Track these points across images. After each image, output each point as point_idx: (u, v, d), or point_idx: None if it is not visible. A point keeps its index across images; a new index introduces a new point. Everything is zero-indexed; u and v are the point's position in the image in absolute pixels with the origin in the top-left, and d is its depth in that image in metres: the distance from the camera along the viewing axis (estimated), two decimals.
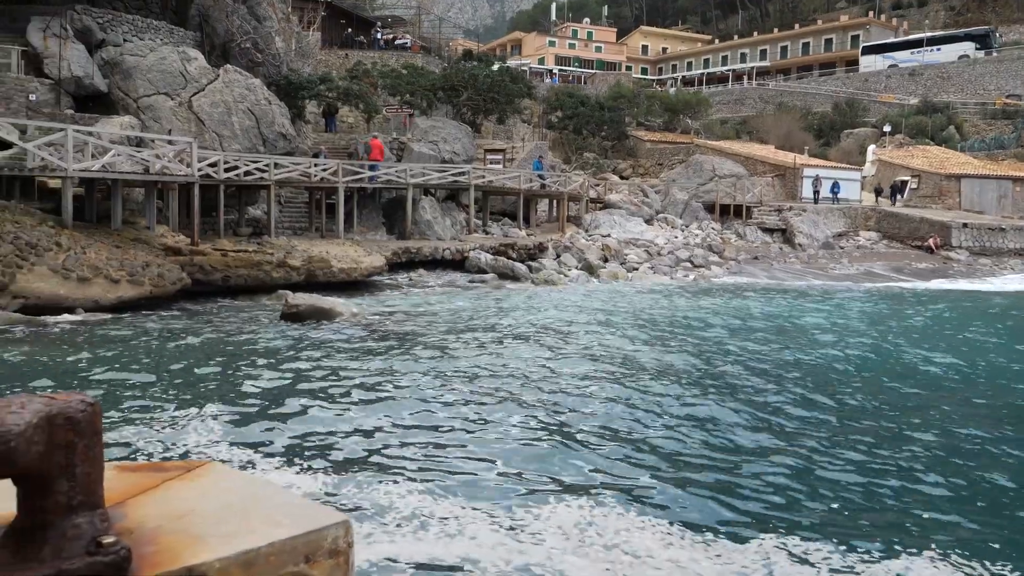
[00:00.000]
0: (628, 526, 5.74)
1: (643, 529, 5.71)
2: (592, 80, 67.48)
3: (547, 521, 5.78)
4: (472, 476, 6.79)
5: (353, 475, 6.74)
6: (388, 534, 5.49)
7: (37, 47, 24.28)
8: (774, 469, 7.18)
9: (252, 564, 0.97)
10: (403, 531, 5.56)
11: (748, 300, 21.50)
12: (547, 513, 5.92)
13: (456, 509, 5.98)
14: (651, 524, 5.79)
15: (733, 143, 49.30)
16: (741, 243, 35.04)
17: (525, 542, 5.43)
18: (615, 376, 10.79)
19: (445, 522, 5.71)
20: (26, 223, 16.72)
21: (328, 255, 22.48)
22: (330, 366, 11.12)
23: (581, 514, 5.91)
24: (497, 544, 5.37)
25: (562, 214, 33.20)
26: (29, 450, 0.85)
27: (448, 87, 39.89)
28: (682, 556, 5.29)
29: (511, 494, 6.36)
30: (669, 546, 5.45)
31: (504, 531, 5.60)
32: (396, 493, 6.27)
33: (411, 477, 6.67)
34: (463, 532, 5.55)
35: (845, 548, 5.52)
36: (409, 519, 5.76)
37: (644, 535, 5.60)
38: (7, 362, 10.82)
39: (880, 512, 6.33)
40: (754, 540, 5.62)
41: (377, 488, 6.37)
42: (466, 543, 5.37)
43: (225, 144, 25.43)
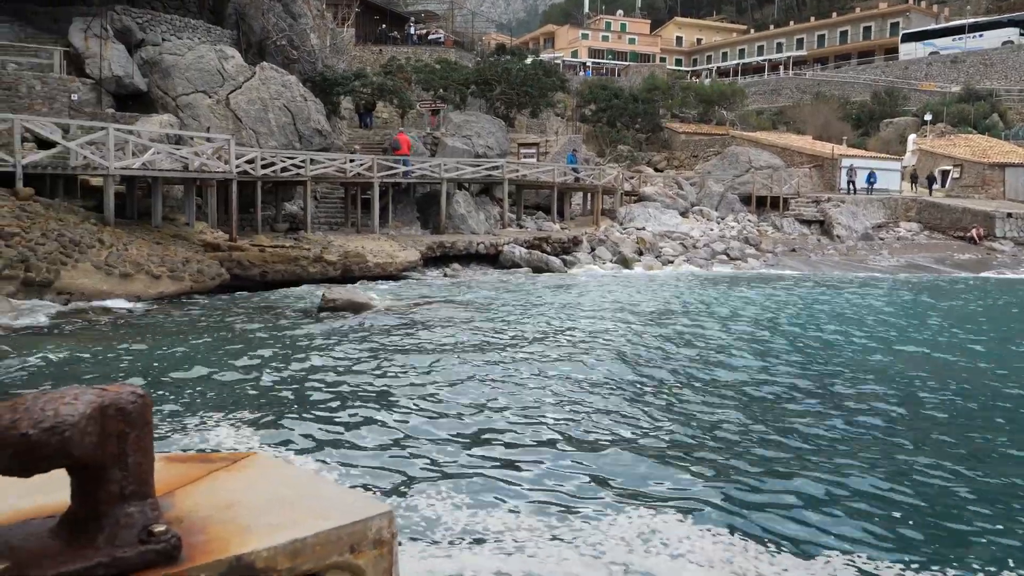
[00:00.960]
0: (691, 536, 5.52)
1: (705, 539, 5.47)
2: (626, 72, 67.07)
3: (607, 532, 5.53)
4: (522, 483, 6.51)
5: (397, 481, 6.53)
6: (443, 549, 5.24)
7: (78, 47, 24.74)
8: (841, 478, 6.78)
9: (298, 553, 0.99)
10: (459, 546, 5.29)
11: (814, 293, 21.25)
12: (606, 524, 5.67)
13: (511, 520, 5.71)
14: (714, 535, 5.58)
15: (769, 134, 48.71)
16: (778, 235, 34.63)
17: (587, 555, 5.19)
18: (662, 377, 10.67)
19: (500, 536, 5.45)
20: (69, 221, 17.06)
21: (364, 250, 22.66)
22: (369, 361, 11.20)
23: (642, 524, 5.67)
24: (560, 558, 5.13)
25: (596, 207, 33.08)
26: (83, 441, 0.86)
27: (481, 81, 39.92)
28: (749, 569, 5.12)
29: (566, 503, 6.09)
30: (734, 558, 5.24)
31: (565, 544, 5.34)
32: (445, 504, 6.02)
33: (459, 485, 6.41)
34: (523, 547, 5.28)
35: (918, 567, 5.21)
36: (463, 533, 5.51)
37: (707, 546, 5.38)
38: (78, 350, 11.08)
39: (963, 533, 5.88)
40: (821, 554, 5.38)
41: (424, 497, 6.14)
42: (525, 559, 5.11)
43: (262, 141, 25.71)
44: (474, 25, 69.41)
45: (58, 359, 10.67)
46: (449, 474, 6.74)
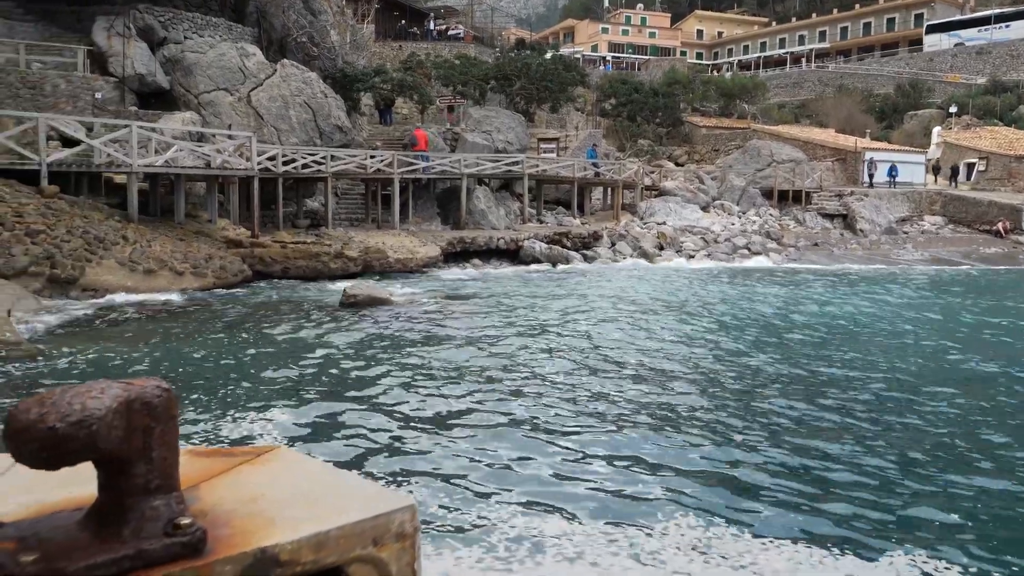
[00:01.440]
0: (750, 546, 5.40)
1: (767, 549, 5.36)
2: (646, 66, 66.76)
3: (663, 539, 5.43)
4: (574, 486, 6.39)
5: (437, 485, 6.38)
6: (501, 560, 5.08)
7: (102, 46, 24.98)
8: (901, 479, 6.68)
9: (322, 546, 0.99)
10: (518, 555, 5.15)
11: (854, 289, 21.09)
12: (660, 531, 5.57)
13: (567, 526, 5.59)
14: (774, 543, 5.47)
15: (791, 127, 48.32)
16: (800, 229, 34.36)
17: (648, 564, 5.08)
18: (706, 374, 10.58)
19: (559, 542, 5.31)
20: (94, 218, 17.25)
21: (384, 246, 22.74)
22: (392, 355, 11.25)
23: (699, 532, 5.57)
24: (623, 568, 5.01)
25: (617, 202, 32.98)
26: (109, 434, 0.87)
27: (501, 76, 39.88)
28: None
29: (620, 509, 5.95)
30: (799, 565, 5.16)
31: (624, 553, 5.21)
32: (496, 510, 5.84)
33: (506, 487, 6.29)
34: (583, 554, 5.15)
35: (977, 568, 5.12)
36: (518, 539, 5.36)
37: (769, 554, 5.27)
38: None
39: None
40: (884, 556, 5.31)
41: (474, 504, 5.95)
42: (588, 567, 5.00)
43: (283, 137, 25.85)
44: (493, 20, 69.36)
45: (93, 356, 10.79)
46: (496, 476, 6.55)
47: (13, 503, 1.06)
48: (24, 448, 0.85)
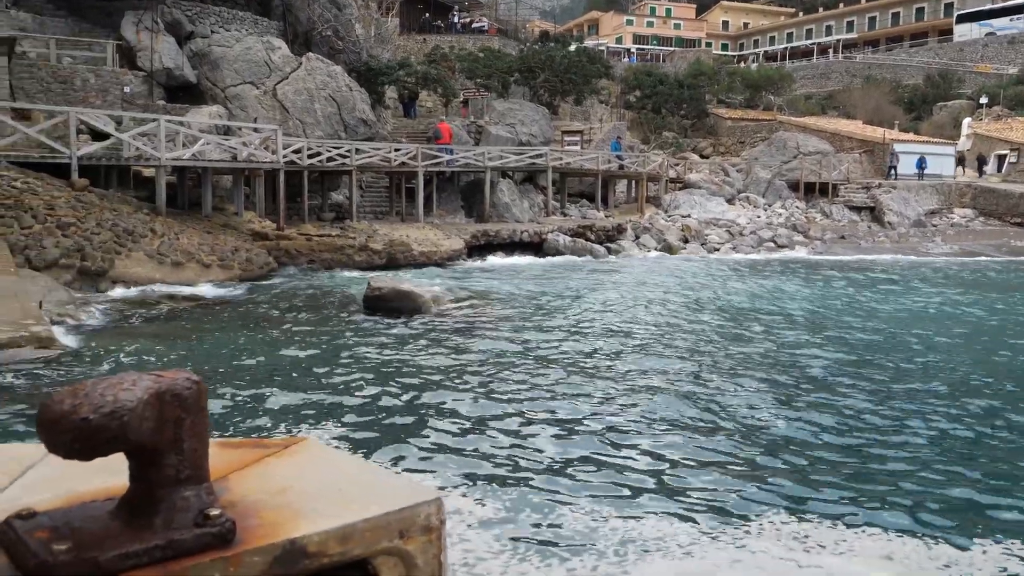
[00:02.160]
0: (844, 536, 5.45)
1: (861, 539, 5.45)
2: (671, 58, 66.32)
3: (759, 534, 5.47)
4: (642, 482, 6.39)
5: (469, 479, 6.35)
6: (616, 565, 4.98)
7: (130, 40, 25.23)
8: (991, 465, 6.74)
9: (349, 538, 1.00)
10: (627, 557, 5.07)
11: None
12: (755, 529, 5.57)
13: (664, 526, 5.56)
14: (868, 533, 5.54)
15: (818, 119, 47.79)
16: (827, 222, 34.01)
17: (758, 552, 5.16)
18: (767, 364, 10.55)
19: (662, 543, 5.29)
20: (123, 211, 17.45)
21: (408, 239, 22.81)
22: (420, 347, 11.29)
23: (794, 527, 5.59)
24: (731, 560, 5.05)
25: (641, 195, 32.83)
26: (140, 426, 0.88)
27: (525, 69, 39.81)
28: (911, 563, 5.11)
29: (707, 504, 5.95)
30: (894, 553, 5.21)
31: (730, 547, 5.23)
32: (585, 513, 5.75)
33: (577, 488, 6.22)
34: (690, 554, 5.15)
35: None
36: (624, 543, 5.27)
37: (866, 543, 5.38)
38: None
39: None
40: (976, 544, 5.34)
41: (564, 513, 5.77)
42: (701, 564, 5.03)
43: (308, 131, 25.98)
44: (517, 12, 69.21)
45: (124, 350, 10.93)
46: (570, 482, 6.42)
47: (46, 493, 1.07)
48: (57, 439, 0.86)
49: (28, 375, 8.89)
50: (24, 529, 0.90)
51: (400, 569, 1.06)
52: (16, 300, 10.39)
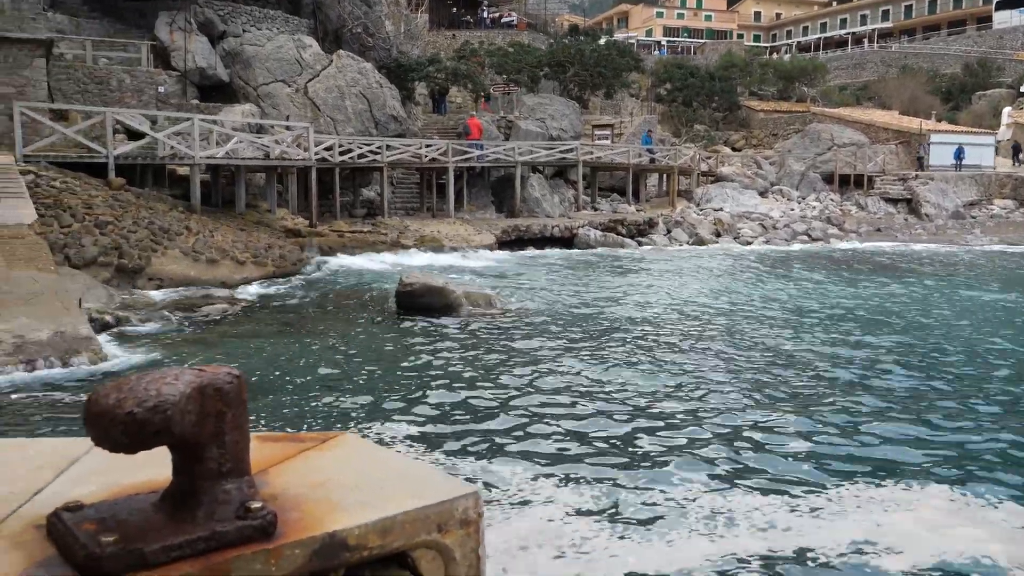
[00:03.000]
0: (919, 497, 5.95)
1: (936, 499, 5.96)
2: (702, 50, 65.74)
3: (840, 503, 5.87)
4: (719, 459, 6.74)
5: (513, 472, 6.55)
6: (689, 534, 5.38)
7: (164, 41, 25.56)
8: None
9: (388, 531, 1.00)
10: (710, 526, 5.51)
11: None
12: (836, 497, 5.99)
13: (749, 500, 5.93)
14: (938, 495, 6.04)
15: (853, 110, 47.11)
16: (862, 215, 33.54)
17: (849, 516, 5.64)
18: (825, 338, 10.52)
19: (749, 516, 5.66)
20: (159, 209, 17.70)
21: (439, 234, 22.88)
22: (454, 341, 11.33)
23: (872, 492, 6.05)
24: (804, 530, 5.42)
25: (672, 188, 32.62)
26: (183, 419, 0.89)
27: (555, 63, 39.69)
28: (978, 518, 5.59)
29: (779, 477, 6.36)
30: (960, 509, 5.73)
31: (807, 516, 5.65)
32: (679, 490, 6.12)
33: (667, 470, 6.56)
34: (775, 524, 5.52)
35: None
36: (710, 516, 5.67)
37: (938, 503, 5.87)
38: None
39: None
40: None
41: (639, 488, 6.16)
42: (778, 534, 5.38)
43: (339, 128, 26.15)
44: (547, 7, 68.96)
45: (161, 354, 11.08)
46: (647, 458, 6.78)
47: (92, 486, 1.09)
48: (103, 432, 0.88)
49: (75, 385, 9.05)
50: (72, 521, 0.92)
51: (438, 562, 1.06)
52: (57, 298, 10.58)
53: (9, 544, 0.93)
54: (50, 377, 8.78)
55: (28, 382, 8.60)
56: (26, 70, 19.21)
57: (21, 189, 14.79)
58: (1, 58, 18.88)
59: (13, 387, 8.42)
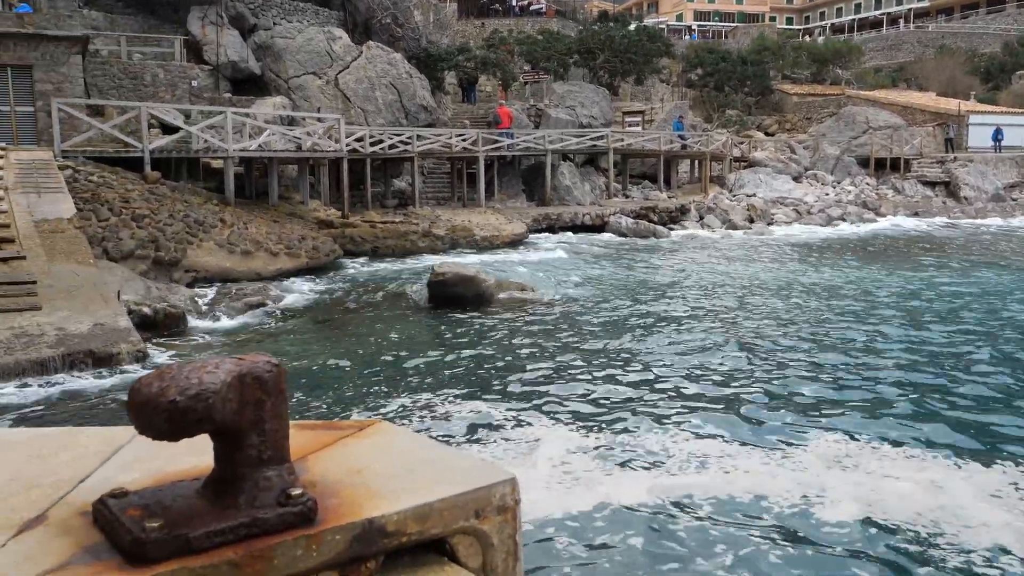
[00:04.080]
0: (886, 454, 6.60)
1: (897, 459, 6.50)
2: (734, 34, 64.92)
3: (811, 452, 6.66)
4: (721, 415, 7.54)
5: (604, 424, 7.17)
6: (673, 475, 6.22)
7: (196, 35, 25.82)
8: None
9: (426, 518, 1.01)
10: (687, 470, 6.35)
11: None
12: (812, 446, 6.80)
13: (726, 447, 6.77)
14: (905, 453, 6.60)
15: (889, 92, 46.26)
16: (899, 198, 32.98)
17: (795, 470, 6.30)
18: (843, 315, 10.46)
19: (721, 460, 6.51)
20: (194, 202, 17.92)
21: (471, 224, 22.91)
22: (486, 331, 11.35)
23: (839, 446, 6.76)
24: (770, 473, 6.20)
25: (704, 174, 32.33)
26: (224, 407, 0.90)
27: (584, 50, 39.44)
28: (936, 477, 6.05)
29: (770, 432, 7.15)
30: (924, 470, 6.20)
31: (775, 463, 6.45)
32: (666, 440, 6.95)
33: (669, 422, 7.36)
34: (739, 467, 6.36)
35: None
36: (688, 460, 6.54)
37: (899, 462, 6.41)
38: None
39: None
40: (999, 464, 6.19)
41: (644, 438, 7.01)
42: (743, 476, 6.17)
43: (370, 119, 26.25)
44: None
45: (194, 349, 11.24)
46: (652, 415, 7.48)
47: (136, 473, 1.11)
48: (146, 420, 0.89)
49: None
50: (118, 508, 0.94)
51: (476, 548, 1.07)
52: (96, 291, 10.77)
53: (57, 530, 0.95)
54: (87, 375, 8.95)
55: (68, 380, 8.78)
56: (63, 67, 19.51)
57: (60, 184, 15.06)
58: (39, 55, 19.20)
59: (58, 382, 8.60)
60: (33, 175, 15.04)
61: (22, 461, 1.20)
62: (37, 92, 19.26)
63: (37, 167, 15.60)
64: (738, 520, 5.47)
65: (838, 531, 5.30)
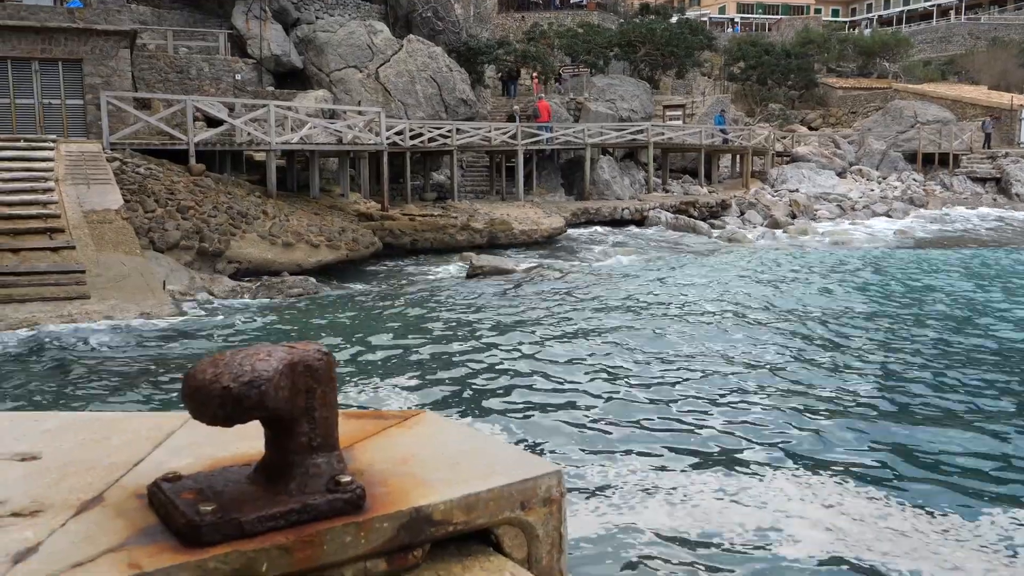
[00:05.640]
0: (844, 495, 5.83)
1: (859, 499, 5.77)
2: (777, 26, 63.97)
3: (769, 486, 5.97)
4: (680, 444, 6.85)
5: (564, 441, 6.82)
6: (614, 507, 5.61)
7: (241, 30, 26.15)
8: (991, 446, 6.82)
9: (473, 508, 1.01)
10: (630, 503, 5.70)
11: None
12: (768, 479, 6.09)
13: (679, 479, 6.09)
14: (869, 495, 5.82)
15: (938, 85, 45.28)
16: (947, 195, 32.30)
17: (750, 505, 5.63)
18: (828, 343, 10.33)
19: (671, 492, 5.84)
20: (237, 194, 18.18)
21: (509, 217, 22.92)
22: (523, 324, 11.37)
23: (799, 483, 6.03)
24: (723, 510, 5.57)
25: (746, 169, 31.96)
26: (276, 394, 0.91)
27: (625, 43, 39.19)
28: (903, 526, 5.36)
29: (727, 464, 6.44)
30: (888, 516, 5.50)
31: (728, 499, 5.75)
32: (613, 466, 6.33)
33: (625, 448, 6.72)
34: (688, 501, 5.71)
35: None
36: (632, 492, 5.87)
37: (860, 504, 5.68)
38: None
39: None
40: (982, 519, 5.44)
41: (595, 460, 6.44)
42: (689, 510, 5.55)
43: (410, 112, 26.37)
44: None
45: (242, 331, 11.41)
46: (611, 437, 6.93)
47: (188, 458, 1.13)
48: (201, 406, 0.91)
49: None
50: (172, 491, 0.96)
51: (521, 539, 1.07)
52: (143, 280, 10.99)
53: (114, 512, 0.98)
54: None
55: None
56: (112, 61, 19.89)
57: (108, 176, 15.37)
58: (89, 50, 19.60)
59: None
60: (83, 167, 15.37)
61: (77, 444, 1.24)
62: (87, 85, 19.67)
63: (86, 159, 15.94)
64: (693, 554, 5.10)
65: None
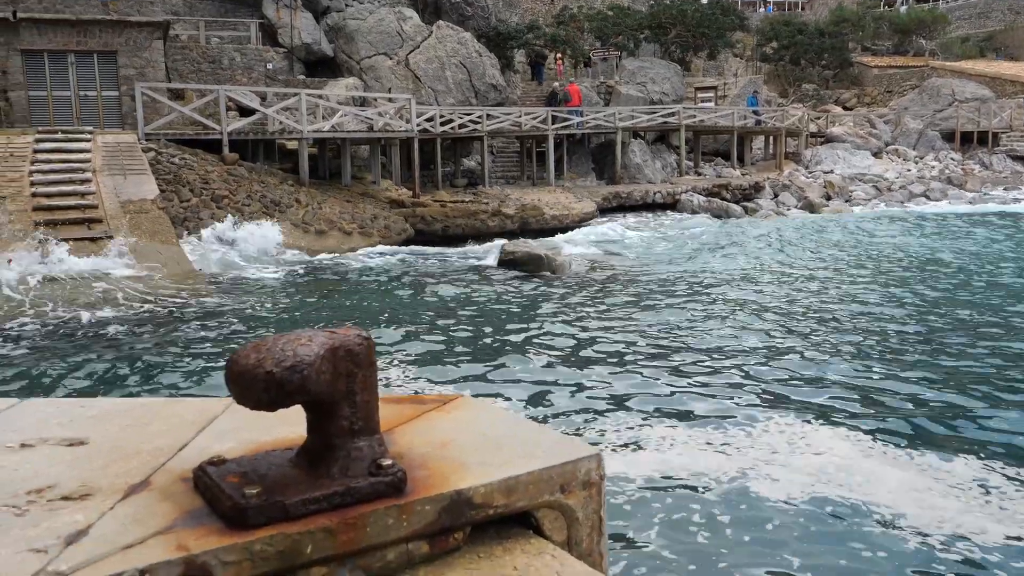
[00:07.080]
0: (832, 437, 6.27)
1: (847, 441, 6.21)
2: (811, 5, 62.84)
3: (758, 438, 6.28)
4: (678, 399, 7.29)
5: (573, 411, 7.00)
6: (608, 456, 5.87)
7: (271, 19, 26.30)
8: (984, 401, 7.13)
9: (513, 491, 1.02)
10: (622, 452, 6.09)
11: None
12: (759, 431, 6.42)
13: (670, 431, 6.47)
14: (856, 438, 6.25)
15: (976, 62, 44.27)
16: (986, 174, 31.63)
17: (732, 455, 5.94)
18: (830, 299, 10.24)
19: (661, 441, 6.25)
20: (270, 183, 18.34)
21: (540, 203, 22.88)
22: (556, 310, 11.37)
23: (792, 431, 6.42)
24: (711, 456, 5.91)
25: (779, 151, 31.56)
26: (318, 379, 0.92)
27: (655, 25, 38.79)
28: (884, 470, 5.66)
29: (721, 415, 6.84)
30: (868, 457, 5.87)
31: (716, 448, 6.09)
32: (614, 421, 6.74)
33: (627, 406, 7.13)
34: (677, 450, 6.09)
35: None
36: (626, 444, 6.25)
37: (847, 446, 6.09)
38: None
39: None
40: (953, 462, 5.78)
41: (599, 419, 6.82)
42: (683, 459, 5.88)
43: (440, 98, 26.38)
44: None
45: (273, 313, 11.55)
46: (617, 400, 7.22)
47: (231, 442, 1.15)
48: (244, 391, 0.92)
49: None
50: (217, 475, 0.97)
51: (561, 522, 1.07)
52: (179, 268, 11.15)
53: (160, 495, 1.00)
54: None
55: None
56: (146, 52, 20.14)
57: (144, 166, 15.59)
58: (123, 41, 19.85)
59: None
60: (119, 157, 15.60)
61: (123, 429, 1.26)
62: (121, 77, 19.94)
63: (122, 150, 16.17)
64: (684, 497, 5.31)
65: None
